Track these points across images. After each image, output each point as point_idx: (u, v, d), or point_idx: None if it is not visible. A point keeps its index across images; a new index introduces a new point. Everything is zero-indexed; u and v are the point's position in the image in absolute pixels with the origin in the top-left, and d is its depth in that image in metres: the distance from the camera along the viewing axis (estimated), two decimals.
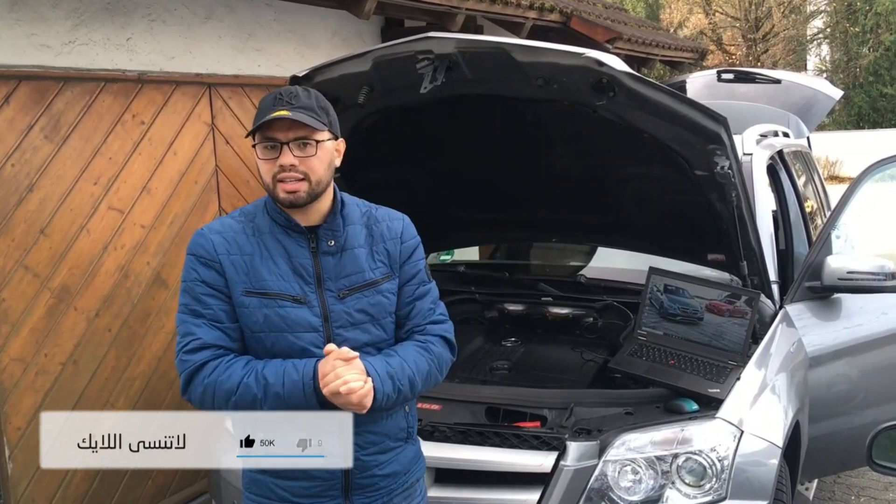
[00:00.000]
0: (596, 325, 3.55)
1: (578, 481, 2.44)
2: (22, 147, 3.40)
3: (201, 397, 1.86)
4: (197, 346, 1.87)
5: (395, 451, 2.01)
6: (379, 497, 1.99)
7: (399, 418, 2.02)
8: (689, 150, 2.92)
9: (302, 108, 1.85)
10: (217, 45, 4.27)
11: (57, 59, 3.52)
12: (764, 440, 2.62)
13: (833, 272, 3.30)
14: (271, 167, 1.87)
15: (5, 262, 3.36)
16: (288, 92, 1.88)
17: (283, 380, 1.81)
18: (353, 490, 1.95)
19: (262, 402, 1.80)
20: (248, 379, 1.82)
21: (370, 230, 2.01)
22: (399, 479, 2.02)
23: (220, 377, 1.83)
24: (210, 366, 1.85)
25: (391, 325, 2.01)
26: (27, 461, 3.46)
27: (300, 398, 1.80)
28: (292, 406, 1.79)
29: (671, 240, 3.50)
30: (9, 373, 3.38)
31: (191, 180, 4.16)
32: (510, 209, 3.78)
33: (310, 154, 1.87)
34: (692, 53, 9.45)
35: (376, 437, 1.97)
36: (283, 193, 1.87)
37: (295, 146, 1.86)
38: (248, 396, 1.81)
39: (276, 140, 1.86)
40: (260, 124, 1.84)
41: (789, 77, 5.89)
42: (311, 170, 1.87)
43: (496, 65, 2.79)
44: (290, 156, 1.85)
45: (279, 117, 1.82)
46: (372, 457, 1.96)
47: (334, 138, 1.95)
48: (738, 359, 2.86)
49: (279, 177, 1.86)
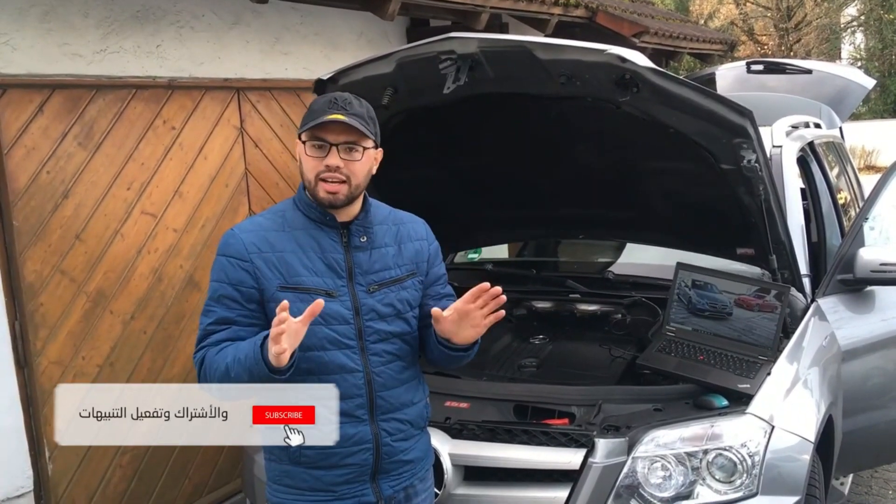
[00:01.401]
0: (624, 322, 3.54)
1: (607, 478, 2.44)
2: (56, 154, 3.48)
3: (203, 380, 1.98)
4: (210, 342, 1.99)
5: (416, 438, 2.13)
6: (402, 481, 2.09)
7: (421, 407, 2.14)
8: (714, 145, 2.90)
9: (355, 115, 1.96)
10: (245, 49, 4.33)
11: (89, 68, 3.59)
12: (795, 435, 2.60)
13: (866, 264, 3.26)
14: (317, 165, 1.97)
15: (42, 268, 3.44)
16: (343, 98, 1.99)
17: (245, 346, 1.90)
18: (380, 475, 2.05)
19: (231, 369, 1.89)
20: (228, 353, 1.93)
21: (397, 230, 2.13)
22: (419, 464, 2.14)
23: (213, 360, 1.95)
24: (209, 352, 1.97)
25: (414, 320, 2.12)
26: (67, 462, 3.54)
27: (252, 358, 1.85)
28: (248, 370, 1.86)
29: (699, 234, 3.47)
30: (48, 375, 3.46)
31: (221, 184, 4.22)
32: (536, 206, 3.77)
33: (356, 159, 1.98)
34: (721, 45, 9.34)
35: (402, 424, 2.07)
36: (323, 193, 1.97)
37: (343, 149, 1.96)
38: (222, 367, 1.91)
39: (326, 141, 1.95)
40: (315, 124, 1.93)
41: (820, 67, 5.82)
42: (353, 174, 1.98)
43: (519, 63, 2.80)
44: (337, 158, 1.95)
45: (335, 120, 1.92)
46: (398, 443, 2.06)
47: (375, 147, 2.05)
48: (768, 353, 2.83)
49: (322, 176, 1.96)
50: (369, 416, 2.01)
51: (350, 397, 1.98)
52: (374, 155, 2.05)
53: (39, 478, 3.45)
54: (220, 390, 1.95)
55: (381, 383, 2.02)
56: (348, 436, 1.99)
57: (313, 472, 2.01)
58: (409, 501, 2.13)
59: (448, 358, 2.09)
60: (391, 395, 2.04)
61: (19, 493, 3.36)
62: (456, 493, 2.53)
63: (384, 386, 2.02)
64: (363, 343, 2.00)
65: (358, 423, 2.00)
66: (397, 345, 2.06)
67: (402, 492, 2.10)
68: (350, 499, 2.02)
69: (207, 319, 2.00)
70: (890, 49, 23.24)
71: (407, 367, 2.09)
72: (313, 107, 1.99)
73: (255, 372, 1.84)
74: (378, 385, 2.01)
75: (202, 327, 2.01)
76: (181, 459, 4.08)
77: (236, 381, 1.87)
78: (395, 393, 2.05)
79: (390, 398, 2.04)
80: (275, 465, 2.07)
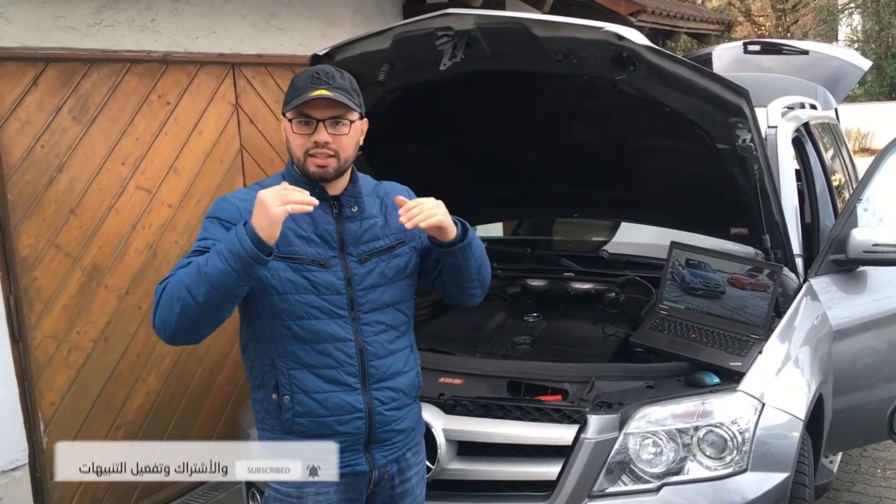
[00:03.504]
0: (618, 300, 3.56)
1: (599, 454, 2.46)
2: (51, 128, 3.47)
3: (162, 307, 1.86)
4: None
5: (409, 407, 2.15)
6: (394, 451, 2.12)
7: (412, 376, 2.15)
8: (710, 124, 2.90)
9: (339, 89, 1.95)
10: (240, 24, 4.30)
11: (83, 41, 3.57)
12: (786, 413, 2.63)
13: (858, 245, 3.27)
14: (304, 142, 1.97)
15: (37, 242, 3.44)
16: (325, 72, 1.98)
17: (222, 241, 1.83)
18: (373, 444, 2.07)
19: (203, 264, 1.81)
20: (194, 260, 1.85)
21: (382, 200, 2.14)
22: (410, 434, 2.16)
23: (178, 273, 1.87)
24: (175, 274, 1.88)
25: (408, 288, 2.15)
26: (62, 436, 3.55)
27: (233, 240, 1.78)
28: (228, 256, 1.78)
29: (693, 214, 3.48)
30: (42, 349, 3.47)
31: (216, 159, 4.21)
32: (531, 185, 3.78)
33: (343, 133, 1.98)
34: (718, 25, 9.31)
35: (395, 392, 2.09)
36: (313, 168, 1.98)
37: (329, 124, 1.96)
38: (192, 269, 1.82)
39: (312, 117, 1.95)
40: (300, 102, 1.92)
41: (817, 48, 5.80)
42: (341, 148, 1.98)
43: (515, 40, 2.79)
44: (324, 133, 1.95)
45: (320, 96, 1.91)
46: (391, 412, 2.08)
47: (361, 119, 2.05)
48: (760, 332, 2.85)
49: (311, 152, 1.97)
50: (361, 385, 2.03)
51: (341, 366, 2.00)
52: (361, 126, 2.05)
53: (34, 451, 3.46)
54: (184, 291, 1.81)
55: (372, 352, 2.04)
56: (341, 404, 2.00)
57: (307, 441, 2.02)
58: (402, 474, 2.15)
59: (454, 267, 2.08)
60: (383, 363, 2.06)
61: (14, 465, 3.38)
62: (449, 468, 2.56)
63: (376, 355, 2.04)
64: (355, 313, 2.02)
65: (350, 392, 2.01)
66: (389, 314, 2.08)
67: (395, 464, 2.13)
68: (344, 468, 2.04)
69: (182, 261, 1.92)
70: (887, 31, 23.18)
71: (399, 336, 2.12)
72: (296, 83, 1.98)
73: (235, 253, 1.76)
74: (370, 354, 2.03)
75: (174, 269, 1.92)
76: (176, 434, 4.09)
77: (210, 274, 1.78)
78: (387, 362, 2.07)
79: (382, 367, 2.06)
80: (268, 434, 2.09)
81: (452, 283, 2.16)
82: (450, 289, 2.19)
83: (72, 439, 3.60)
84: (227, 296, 1.82)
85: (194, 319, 1.84)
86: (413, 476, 2.19)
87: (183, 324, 1.84)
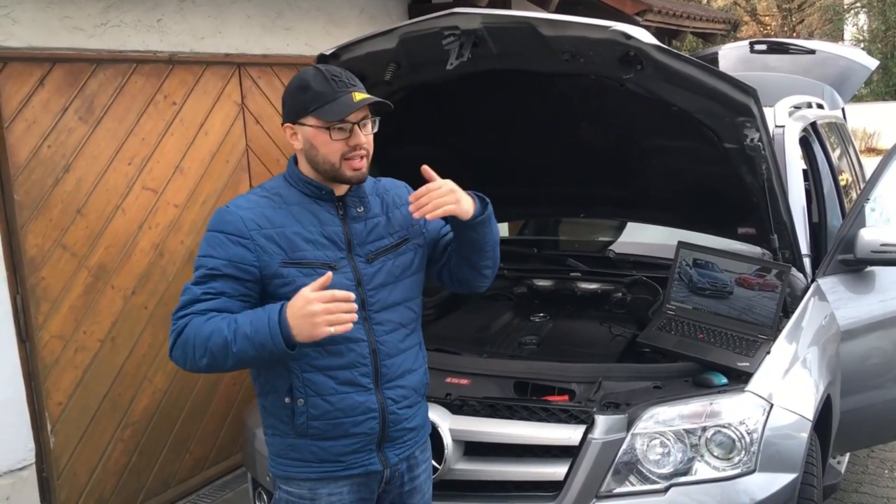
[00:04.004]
0: (625, 300, 3.55)
1: (607, 454, 2.46)
2: (57, 128, 3.47)
3: (183, 349, 1.89)
4: (196, 310, 1.91)
5: (418, 405, 2.16)
6: (405, 449, 2.12)
7: (421, 374, 2.16)
8: (718, 123, 2.89)
9: (362, 90, 1.98)
10: (246, 24, 4.30)
11: (90, 42, 3.57)
12: (794, 413, 2.61)
13: (866, 245, 3.26)
14: (341, 147, 1.96)
15: (44, 242, 3.44)
16: (345, 74, 1.99)
17: (250, 319, 1.84)
18: (385, 443, 2.07)
19: (232, 343, 1.82)
20: (221, 323, 1.86)
21: (382, 199, 2.15)
22: (420, 432, 2.18)
23: (201, 327, 1.87)
24: (196, 320, 1.89)
25: (415, 286, 2.16)
26: (68, 435, 3.56)
27: (265, 334, 1.80)
28: (258, 345, 1.81)
29: (701, 213, 3.47)
30: (49, 349, 3.48)
31: (222, 160, 4.22)
32: (538, 185, 3.77)
33: (372, 132, 2.01)
34: (724, 25, 9.30)
35: (406, 391, 2.09)
36: (350, 171, 1.98)
37: (361, 125, 1.97)
38: (219, 339, 1.83)
39: (349, 121, 1.95)
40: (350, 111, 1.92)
41: (823, 47, 5.78)
42: (370, 147, 2.01)
43: (522, 39, 2.78)
44: (361, 136, 1.97)
45: (364, 101, 1.93)
46: (403, 410, 2.08)
47: None
48: (768, 332, 2.85)
49: (348, 155, 1.97)
50: (374, 385, 2.02)
51: (356, 366, 2.00)
52: None
53: (41, 451, 3.47)
54: (210, 356, 1.85)
55: (385, 352, 2.04)
56: (355, 405, 2.00)
57: (321, 443, 2.01)
58: (412, 472, 2.16)
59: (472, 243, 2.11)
60: (394, 362, 2.06)
61: (21, 465, 3.39)
62: (456, 468, 2.55)
63: (388, 354, 2.04)
64: (366, 313, 2.02)
65: (364, 392, 2.01)
66: (399, 312, 2.08)
67: (405, 462, 2.13)
68: (358, 468, 2.04)
69: (198, 289, 1.92)
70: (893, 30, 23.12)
71: (409, 333, 2.12)
72: (314, 87, 1.94)
73: (266, 346, 1.80)
74: (382, 354, 2.03)
75: (189, 294, 1.93)
76: (182, 433, 4.10)
77: (238, 354, 1.82)
78: (398, 360, 2.07)
79: (394, 366, 2.06)
80: (278, 439, 2.07)
81: (466, 264, 2.17)
82: (461, 272, 2.20)
83: (78, 439, 3.60)
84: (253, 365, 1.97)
85: (219, 371, 1.96)
86: (421, 473, 2.20)
87: (204, 372, 2.00)
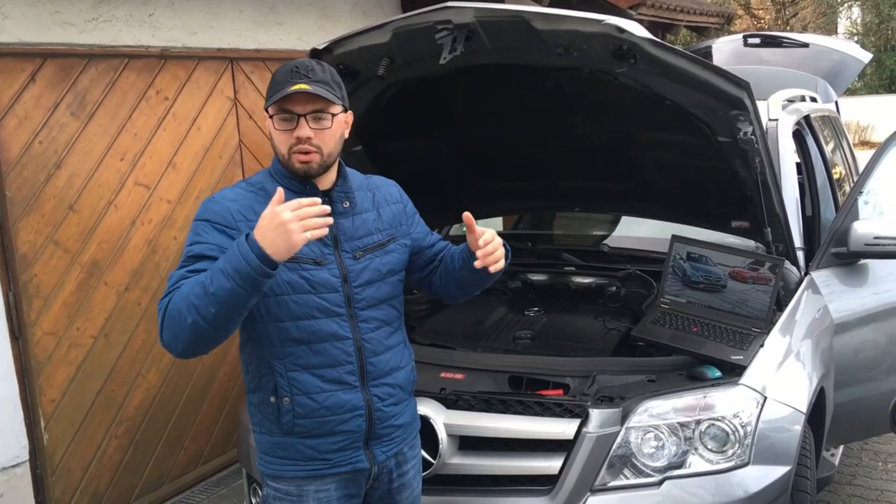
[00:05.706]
0: (619, 294, 3.55)
1: (601, 448, 2.46)
2: (49, 124, 3.46)
3: (171, 323, 1.81)
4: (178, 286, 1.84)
5: (406, 402, 2.16)
6: (393, 446, 2.12)
7: (408, 371, 2.16)
8: (711, 117, 2.89)
9: (319, 82, 1.92)
10: (238, 19, 4.28)
11: (81, 37, 3.55)
12: (787, 406, 2.62)
13: (860, 238, 3.27)
14: (287, 138, 1.94)
15: (36, 238, 3.43)
16: (304, 65, 1.94)
17: (223, 257, 1.78)
18: (373, 440, 2.07)
19: (209, 284, 1.74)
20: (199, 277, 1.80)
21: (373, 194, 2.14)
22: (408, 429, 2.17)
23: (181, 291, 1.81)
24: (178, 292, 1.82)
25: (399, 284, 2.15)
26: (62, 432, 3.55)
27: (237, 259, 1.71)
28: (233, 273, 1.71)
29: (694, 207, 3.47)
30: (42, 346, 3.47)
31: (215, 155, 4.20)
32: (532, 179, 3.77)
33: (325, 127, 1.95)
34: (718, 18, 9.30)
35: (392, 388, 2.09)
36: (297, 164, 1.95)
37: (311, 119, 1.93)
38: (198, 289, 1.76)
39: (293, 112, 1.91)
40: (279, 97, 1.89)
41: (817, 41, 5.78)
42: (324, 142, 1.96)
43: (515, 33, 2.77)
44: (306, 128, 1.92)
45: (299, 91, 1.88)
46: (389, 408, 2.08)
47: (344, 111, 2.02)
48: (761, 326, 2.85)
49: (295, 148, 1.94)
50: (360, 383, 2.02)
51: (341, 364, 1.99)
52: (345, 119, 2.02)
53: (35, 447, 3.46)
54: (193, 311, 1.75)
55: (370, 349, 2.03)
56: (341, 403, 1.99)
57: (307, 441, 2.01)
58: (400, 468, 2.16)
59: (475, 281, 2.14)
60: (380, 360, 2.06)
61: (15, 462, 3.38)
62: (450, 463, 2.55)
63: (373, 352, 2.04)
64: (352, 310, 2.01)
65: (350, 390, 2.01)
66: (385, 310, 2.08)
67: (393, 458, 2.13)
68: (345, 466, 2.04)
69: (183, 270, 1.88)
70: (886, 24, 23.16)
71: (393, 331, 2.12)
72: (276, 78, 1.93)
73: (242, 272, 1.70)
74: (368, 351, 2.03)
75: (174, 278, 1.87)
76: (176, 430, 4.10)
77: (217, 294, 1.72)
78: (384, 358, 2.07)
79: (379, 363, 2.05)
80: (266, 437, 2.07)
81: (457, 286, 2.19)
82: (448, 289, 2.21)
83: (72, 436, 3.60)
84: (238, 311, 1.79)
85: (205, 337, 1.81)
86: (410, 469, 2.19)
87: (194, 342, 1.81)
